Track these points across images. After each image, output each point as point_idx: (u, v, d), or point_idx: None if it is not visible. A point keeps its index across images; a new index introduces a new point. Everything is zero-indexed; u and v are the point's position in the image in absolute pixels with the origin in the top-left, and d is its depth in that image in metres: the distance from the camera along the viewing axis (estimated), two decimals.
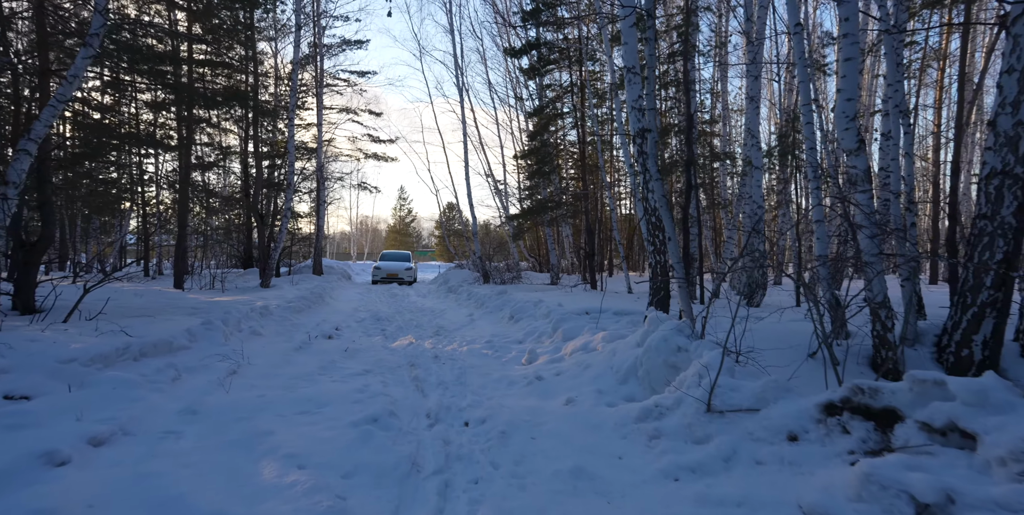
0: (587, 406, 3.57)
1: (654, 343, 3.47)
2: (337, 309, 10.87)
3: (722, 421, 2.46)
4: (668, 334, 3.43)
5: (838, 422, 2.06)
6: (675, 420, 2.71)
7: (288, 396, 4.00)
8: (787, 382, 2.42)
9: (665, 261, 5.94)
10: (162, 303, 8.75)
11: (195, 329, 5.68)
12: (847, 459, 1.94)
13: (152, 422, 3.27)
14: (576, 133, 12.87)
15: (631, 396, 3.61)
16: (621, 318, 6.68)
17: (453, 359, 5.80)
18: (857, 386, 2.09)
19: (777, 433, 2.13)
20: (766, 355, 3.59)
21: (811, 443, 2.08)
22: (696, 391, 2.73)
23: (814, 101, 4.19)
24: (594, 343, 5.08)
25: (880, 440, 1.93)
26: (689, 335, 3.42)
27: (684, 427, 2.62)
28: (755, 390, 2.42)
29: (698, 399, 2.66)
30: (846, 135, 3.33)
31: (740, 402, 2.44)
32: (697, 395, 2.67)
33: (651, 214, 5.90)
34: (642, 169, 5.92)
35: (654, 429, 2.76)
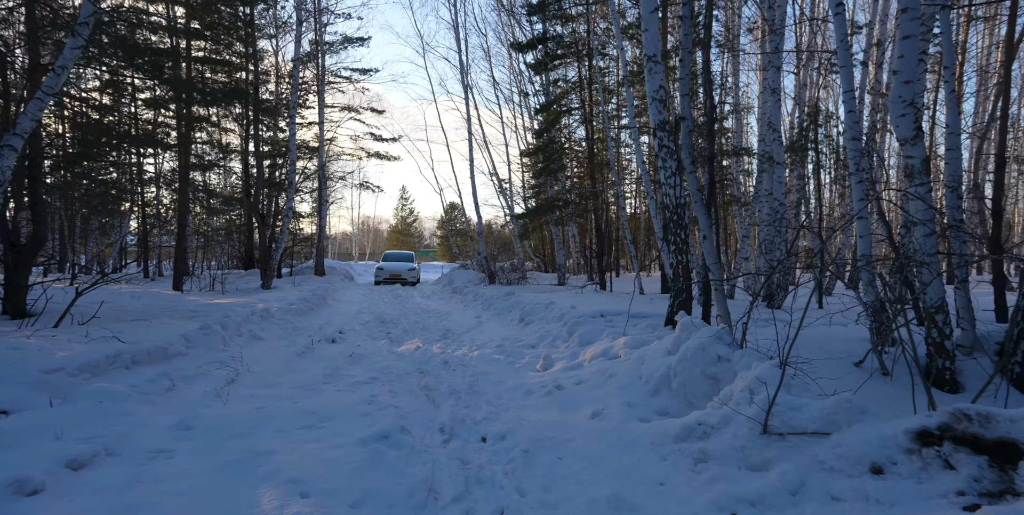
0: (616, 421, 3.26)
1: (690, 352, 3.16)
2: (340, 311, 10.58)
3: (783, 445, 2.16)
4: (706, 342, 3.13)
5: (937, 454, 1.75)
6: (724, 441, 2.40)
7: (290, 408, 3.70)
8: (861, 402, 2.11)
9: (687, 262, 5.63)
10: (159, 306, 8.47)
11: (192, 334, 5.40)
12: (956, 501, 1.63)
13: (141, 440, 2.97)
14: (584, 130, 12.57)
15: (664, 410, 3.31)
16: (639, 321, 6.37)
17: (464, 365, 5.50)
18: (961, 411, 1.78)
19: (856, 463, 1.83)
20: (810, 365, 3.28)
21: (902, 478, 1.78)
22: (748, 409, 2.43)
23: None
24: (616, 349, 4.78)
25: (999, 480, 1.63)
26: (730, 343, 3.11)
27: (736, 450, 2.32)
28: (823, 410, 2.12)
29: (751, 418, 2.36)
30: (902, 122, 3.02)
31: (804, 424, 2.14)
32: (750, 413, 2.37)
33: (672, 211, 5.60)
34: (662, 164, 5.61)
35: (699, 451, 2.45)
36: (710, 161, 5.74)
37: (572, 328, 6.11)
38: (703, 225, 3.71)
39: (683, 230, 5.59)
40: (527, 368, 5.45)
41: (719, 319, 3.74)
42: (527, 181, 23.17)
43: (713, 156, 5.72)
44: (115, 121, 13.78)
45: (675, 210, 5.59)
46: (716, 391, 3.03)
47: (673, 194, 5.60)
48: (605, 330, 5.62)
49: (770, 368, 2.53)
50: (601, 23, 12.34)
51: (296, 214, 22.26)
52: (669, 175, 5.59)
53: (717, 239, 5.97)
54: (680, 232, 5.59)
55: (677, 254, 5.64)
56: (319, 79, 18.03)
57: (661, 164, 5.63)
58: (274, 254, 12.41)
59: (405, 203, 60.48)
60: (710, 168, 5.74)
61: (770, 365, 2.56)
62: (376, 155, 20.89)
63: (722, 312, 3.75)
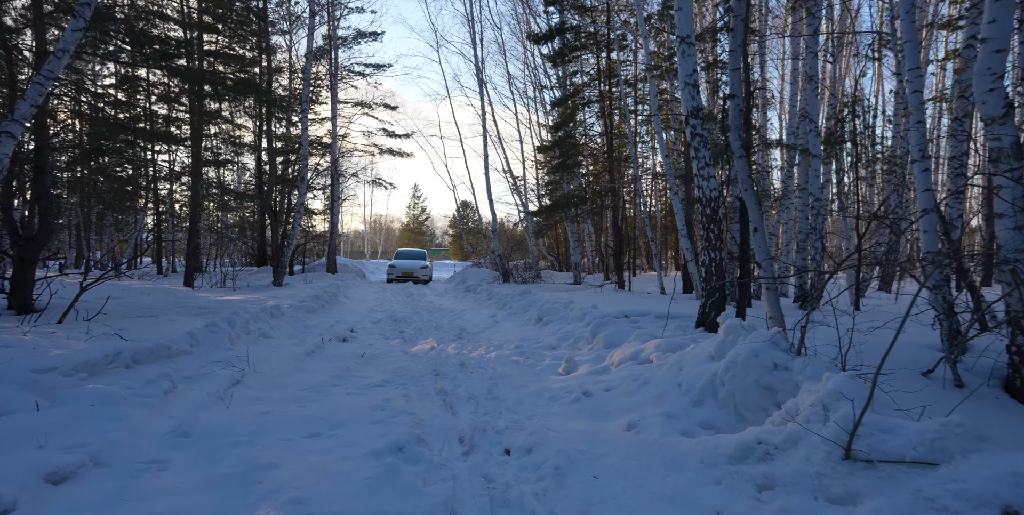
0: (656, 434, 2.92)
1: (740, 358, 2.81)
2: (352, 309, 10.34)
3: (872, 475, 1.81)
4: (760, 348, 2.77)
5: None
6: (794, 465, 2.06)
7: (297, 413, 3.42)
8: (977, 426, 1.76)
9: (720, 259, 5.26)
10: (169, 302, 8.29)
11: (198, 332, 5.15)
12: None
13: (133, 448, 2.70)
14: (602, 124, 12.18)
15: (710, 423, 2.96)
16: (667, 323, 6.00)
17: (481, 367, 5.19)
18: None
19: (982, 505, 1.48)
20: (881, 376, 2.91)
21: None
22: (822, 428, 2.07)
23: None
24: (647, 353, 4.43)
25: None
26: (787, 349, 2.76)
27: (810, 477, 1.97)
28: (925, 435, 1.77)
29: (827, 439, 2.01)
30: (990, 97, 2.64)
31: (899, 450, 1.79)
32: (826, 433, 2.02)
33: (705, 205, 5.23)
34: (695, 154, 5.25)
35: (763, 476, 2.11)
36: (746, 150, 5.35)
37: (596, 329, 5.76)
38: (754, 217, 3.36)
39: (717, 225, 5.22)
40: (549, 371, 5.13)
41: (770, 322, 3.38)
42: (541, 178, 22.82)
43: (749, 145, 5.33)
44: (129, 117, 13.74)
45: (709, 203, 5.23)
46: (773, 404, 2.68)
47: (707, 186, 5.23)
48: (632, 332, 5.27)
49: (847, 380, 2.17)
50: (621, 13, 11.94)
51: (309, 211, 22.19)
52: (702, 166, 5.22)
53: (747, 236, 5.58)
54: (714, 227, 5.22)
55: (711, 251, 5.27)
56: (332, 74, 17.85)
57: (694, 154, 5.26)
58: (286, 251, 12.23)
59: (417, 201, 60.46)
60: (747, 161, 5.34)
61: (846, 377, 2.20)
62: (389, 151, 20.70)
63: (775, 314, 3.38)
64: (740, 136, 3.25)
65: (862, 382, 2.19)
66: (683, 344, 4.35)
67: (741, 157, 3.32)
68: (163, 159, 19.04)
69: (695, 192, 5.13)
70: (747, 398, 2.77)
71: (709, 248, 5.26)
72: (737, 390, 2.81)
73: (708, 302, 5.31)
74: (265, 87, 16.27)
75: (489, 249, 18.85)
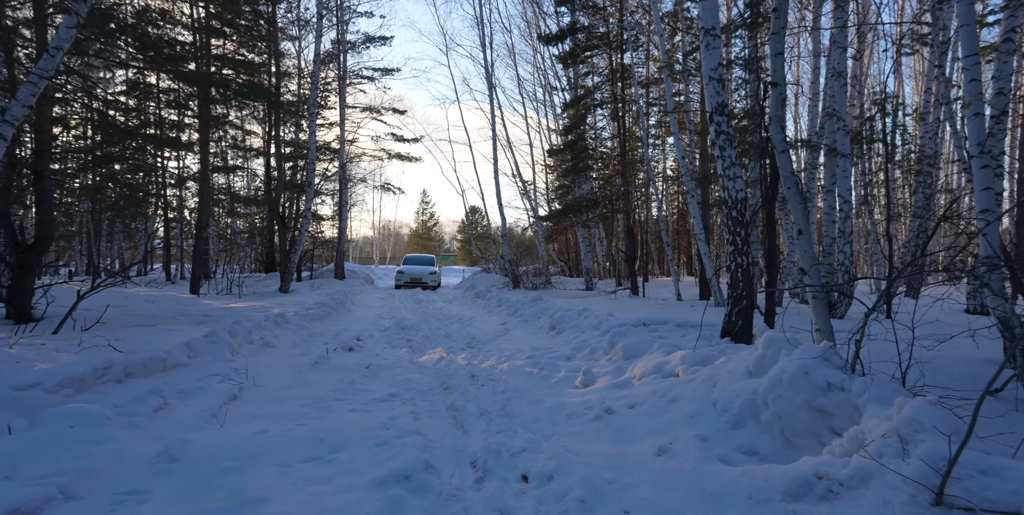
0: (691, 460, 2.61)
1: (788, 376, 2.50)
2: (359, 316, 10.11)
3: None
4: (809, 365, 2.46)
5: None
6: (867, 509, 1.74)
7: (296, 433, 3.15)
8: None
9: (747, 264, 4.94)
10: (172, 310, 8.10)
11: (196, 342, 4.92)
12: None
13: (112, 477, 2.45)
14: (615, 126, 11.90)
15: (751, 448, 2.64)
16: (688, 332, 5.69)
17: (493, 379, 4.90)
18: None
19: None
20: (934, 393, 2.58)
21: None
22: (900, 464, 1.76)
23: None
24: (671, 366, 4.11)
25: None
26: (842, 367, 2.44)
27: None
28: None
29: (910, 479, 1.69)
30: None
31: (1009, 497, 1.48)
32: (908, 472, 1.71)
33: (731, 207, 4.92)
34: (719, 153, 4.95)
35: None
36: (769, 151, 5.04)
37: (614, 339, 5.46)
38: (798, 217, 3.05)
39: (744, 228, 4.91)
40: (565, 384, 4.83)
41: (818, 335, 3.06)
42: (551, 183, 22.57)
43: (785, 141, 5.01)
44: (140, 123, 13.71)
45: (735, 205, 4.92)
46: (827, 429, 2.36)
47: (732, 187, 4.93)
48: (654, 342, 4.96)
49: (926, 407, 1.86)
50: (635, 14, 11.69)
51: (316, 216, 22.09)
52: (728, 165, 4.92)
53: (773, 240, 5.25)
54: (741, 231, 4.91)
55: (737, 255, 4.95)
56: (340, 79, 17.77)
57: (718, 153, 4.97)
58: (292, 257, 12.05)
59: (426, 207, 60.48)
60: (772, 158, 5.04)
61: (925, 403, 1.88)
62: (398, 156, 20.56)
63: (823, 325, 3.06)
64: (782, 128, 2.96)
65: (946, 412, 1.87)
66: (712, 357, 4.03)
67: (784, 152, 3.02)
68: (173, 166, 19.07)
69: (719, 193, 4.83)
70: (796, 422, 2.45)
71: (735, 253, 4.94)
72: (784, 412, 2.50)
73: (734, 310, 4.99)
74: (273, 92, 16.20)
75: (498, 254, 18.59)
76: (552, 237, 15.91)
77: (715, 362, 3.81)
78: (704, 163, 10.21)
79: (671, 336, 5.49)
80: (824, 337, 3.04)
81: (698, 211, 8.90)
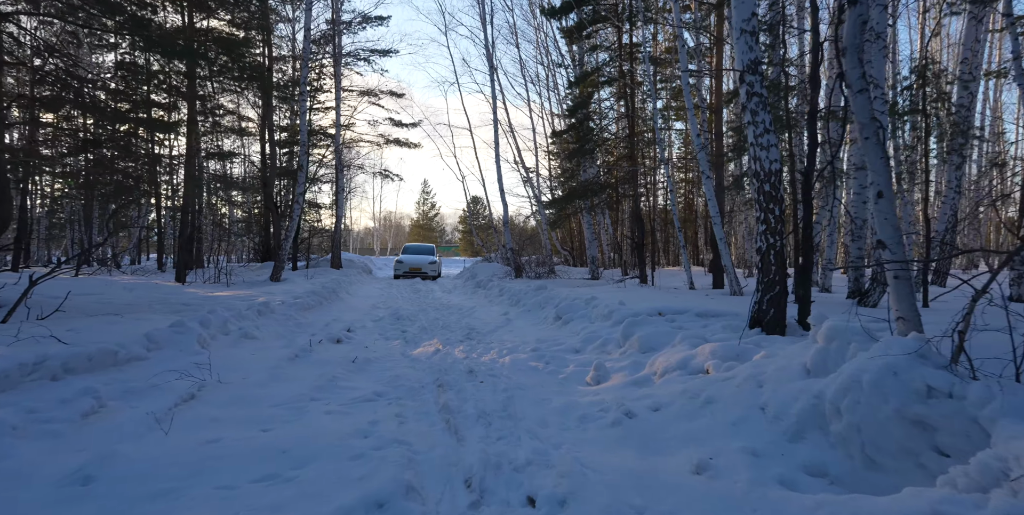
0: (742, 482, 2.06)
1: (870, 377, 1.94)
2: (353, 306, 9.57)
3: None
4: (899, 363, 1.90)
5: None
6: None
7: (255, 443, 2.61)
8: None
9: (781, 245, 4.36)
10: (150, 298, 7.57)
11: (159, 333, 4.37)
12: None
13: None
14: (623, 105, 11.24)
15: (819, 468, 2.09)
16: (710, 322, 5.12)
17: (493, 375, 4.36)
18: None
19: None
20: None
21: None
22: None
23: None
24: (699, 360, 3.56)
25: None
26: (945, 366, 1.88)
27: None
28: None
29: None
30: None
31: None
32: None
33: (763, 180, 4.33)
34: (751, 119, 4.35)
35: None
36: (810, 118, 4.46)
37: (628, 329, 4.90)
38: (879, 175, 2.44)
39: (778, 204, 4.32)
40: (574, 380, 4.28)
41: (901, 324, 2.49)
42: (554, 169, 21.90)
43: (814, 112, 4.43)
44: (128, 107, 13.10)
45: (768, 178, 4.32)
46: (930, 448, 1.81)
47: (765, 157, 4.33)
48: (676, 333, 4.40)
49: None
50: None
51: (313, 204, 21.50)
52: (761, 132, 4.32)
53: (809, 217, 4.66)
54: (775, 207, 4.32)
55: (769, 235, 4.37)
56: (336, 60, 17.07)
57: (749, 119, 4.36)
58: (284, 245, 11.49)
59: (427, 197, 59.85)
60: (811, 127, 4.45)
61: None
62: (396, 142, 19.91)
63: (907, 313, 2.48)
64: (859, 61, 2.38)
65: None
66: (747, 350, 3.47)
67: (862, 91, 2.42)
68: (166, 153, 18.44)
69: (750, 165, 4.25)
70: (883, 437, 1.89)
71: (767, 232, 4.35)
72: (865, 424, 1.94)
73: (765, 297, 4.42)
74: (265, 70, 15.54)
75: (500, 243, 18.02)
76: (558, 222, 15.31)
77: (753, 357, 3.25)
78: (718, 143, 9.58)
79: (692, 326, 4.93)
80: (910, 328, 2.47)
81: (713, 193, 8.29)
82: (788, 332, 4.42)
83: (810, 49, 3.88)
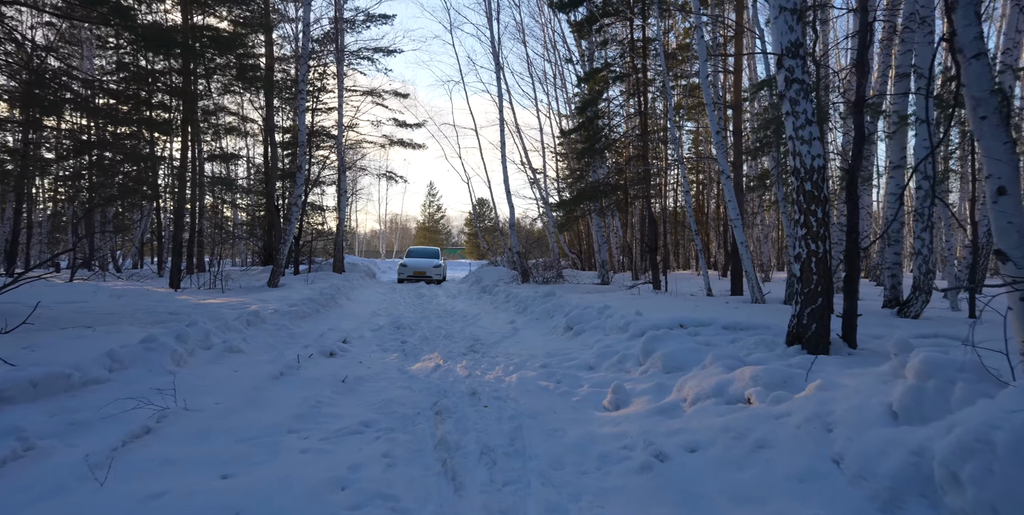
0: None
1: (1007, 438, 1.44)
2: (352, 313, 9.12)
3: None
4: None
5: None
6: None
7: (206, 499, 2.14)
8: None
9: (824, 252, 3.85)
10: (136, 307, 7.16)
11: (124, 351, 3.92)
12: None
13: None
14: (637, 102, 10.74)
15: None
16: (740, 337, 4.61)
17: (499, 397, 3.88)
18: None
19: None
20: None
21: None
22: None
23: None
24: (738, 387, 3.05)
25: None
26: None
27: None
28: None
29: None
30: None
31: None
32: None
33: (804, 178, 3.83)
34: (790, 108, 3.85)
35: None
36: (856, 107, 3.96)
37: (648, 345, 4.39)
38: (1003, 169, 1.91)
39: (822, 206, 3.82)
40: (590, 404, 3.79)
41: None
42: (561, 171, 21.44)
43: (861, 101, 3.93)
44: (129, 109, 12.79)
45: (809, 175, 3.82)
46: None
47: (807, 152, 3.82)
48: (705, 351, 3.89)
49: None
50: None
51: (318, 207, 21.15)
52: (802, 124, 3.82)
53: (855, 220, 4.15)
54: (817, 209, 3.82)
55: (811, 241, 3.86)
56: (338, 59, 16.70)
57: (789, 109, 3.86)
58: (281, 249, 11.08)
59: (433, 199, 59.55)
60: (858, 119, 3.95)
61: None
62: (400, 143, 19.52)
63: None
64: (976, 16, 1.89)
65: None
66: (794, 377, 2.96)
67: (978, 57, 1.90)
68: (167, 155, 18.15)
69: (789, 161, 3.74)
70: None
71: (808, 237, 3.84)
72: (1004, 502, 1.43)
73: (806, 310, 3.90)
74: (266, 73, 15.20)
75: (507, 246, 17.55)
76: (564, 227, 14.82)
77: (806, 386, 2.74)
78: (738, 141, 9.05)
79: (720, 342, 4.42)
80: None
81: (734, 193, 7.77)
82: (832, 350, 3.91)
83: (856, 30, 3.39)
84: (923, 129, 5.37)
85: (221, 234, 22.70)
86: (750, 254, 7.97)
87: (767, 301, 8.11)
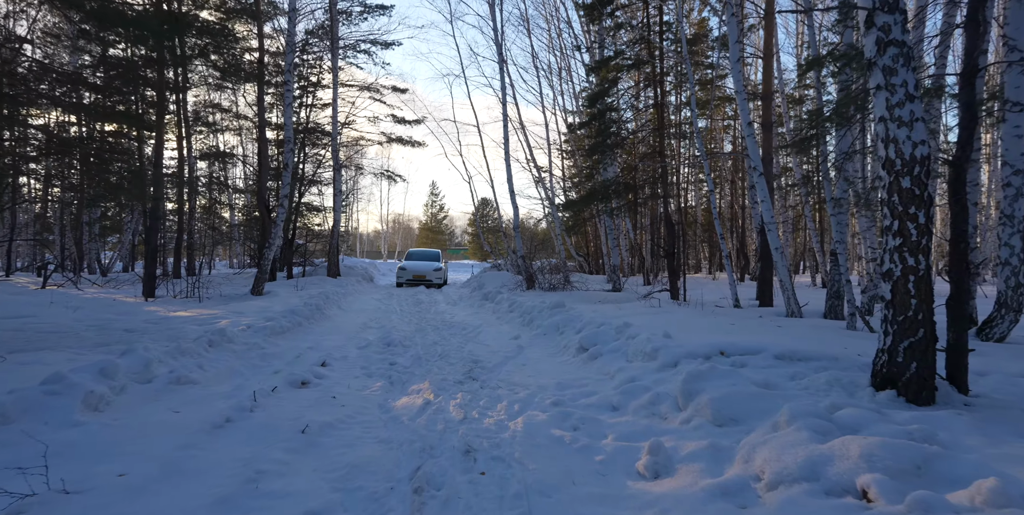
0: None
1: None
2: (338, 326, 8.24)
3: None
4: None
5: None
6: None
7: None
8: None
9: (926, 269, 2.93)
10: (92, 322, 6.32)
11: (13, 399, 3.04)
12: None
13: None
14: (651, 94, 9.83)
15: None
16: (799, 369, 3.69)
17: (500, 458, 2.98)
18: None
19: None
20: None
21: None
22: None
23: None
24: (843, 467, 2.14)
25: None
26: None
27: None
28: None
29: None
30: None
31: None
32: None
33: (902, 172, 2.92)
34: (884, 82, 2.93)
35: None
36: (966, 79, 3.06)
37: (692, 385, 3.48)
38: None
39: (924, 208, 2.90)
40: (618, 468, 2.89)
41: None
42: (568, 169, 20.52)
43: (976, 69, 3.00)
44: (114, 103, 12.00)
45: (909, 168, 2.91)
46: None
47: (905, 137, 2.91)
48: (768, 399, 2.99)
49: None
50: None
51: (313, 208, 20.33)
52: (900, 99, 2.91)
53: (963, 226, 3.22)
54: (918, 212, 2.91)
55: (909, 254, 2.95)
56: (333, 51, 15.84)
57: (882, 82, 2.95)
58: (266, 253, 10.23)
59: (435, 199, 58.76)
60: (966, 95, 3.03)
61: None
62: (399, 140, 18.65)
63: None
64: None
65: None
66: (933, 459, 2.05)
67: None
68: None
69: (880, 151, 2.80)
70: None
71: (905, 249, 2.92)
72: None
73: (901, 345, 2.99)
74: (257, 67, 14.38)
75: (510, 249, 16.65)
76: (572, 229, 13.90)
77: (958, 475, 1.83)
78: (767, 135, 8.12)
79: (781, 382, 3.50)
80: None
81: (767, 193, 6.84)
82: (938, 397, 2.99)
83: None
84: (1018, 116, 4.42)
85: (215, 235, 21.94)
86: (785, 261, 7.03)
87: (804, 315, 7.19)
